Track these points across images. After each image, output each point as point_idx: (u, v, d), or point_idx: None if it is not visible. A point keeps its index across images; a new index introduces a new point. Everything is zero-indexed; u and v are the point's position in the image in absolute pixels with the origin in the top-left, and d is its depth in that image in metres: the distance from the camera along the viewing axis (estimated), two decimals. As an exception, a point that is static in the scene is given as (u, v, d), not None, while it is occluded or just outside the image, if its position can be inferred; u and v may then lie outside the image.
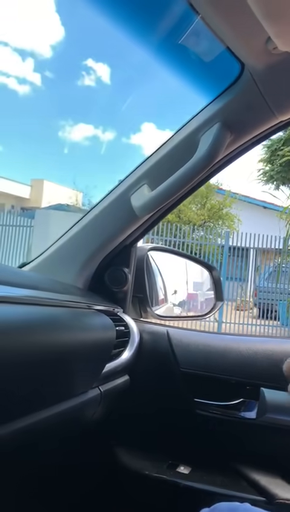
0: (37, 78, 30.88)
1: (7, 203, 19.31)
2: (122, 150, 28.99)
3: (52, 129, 29.34)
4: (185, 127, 0.91)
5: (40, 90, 28.61)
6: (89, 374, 0.83)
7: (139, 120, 29.69)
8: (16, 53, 31.41)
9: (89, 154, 29.89)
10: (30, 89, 28.77)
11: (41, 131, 29.24)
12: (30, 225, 10.01)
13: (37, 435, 0.70)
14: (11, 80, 31.13)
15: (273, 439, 0.99)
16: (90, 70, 37.71)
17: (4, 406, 0.58)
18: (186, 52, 0.92)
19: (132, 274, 1.12)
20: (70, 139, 29.45)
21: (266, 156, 9.68)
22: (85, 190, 19.75)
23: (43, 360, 0.65)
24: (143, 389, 1.08)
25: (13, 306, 0.63)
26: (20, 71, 32.73)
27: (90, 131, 32.30)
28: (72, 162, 31.60)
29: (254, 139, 0.92)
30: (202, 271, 1.49)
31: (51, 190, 20.44)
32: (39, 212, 10.82)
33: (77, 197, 17.20)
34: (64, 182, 22.43)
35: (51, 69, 28.66)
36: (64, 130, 31.94)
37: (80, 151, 29.40)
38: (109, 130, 30.42)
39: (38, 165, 30.19)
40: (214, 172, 0.99)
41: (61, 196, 17.83)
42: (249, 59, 0.77)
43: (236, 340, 1.07)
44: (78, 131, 33.53)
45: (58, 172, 31.33)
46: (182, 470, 1.03)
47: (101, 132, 30.14)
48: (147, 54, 0.93)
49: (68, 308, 0.80)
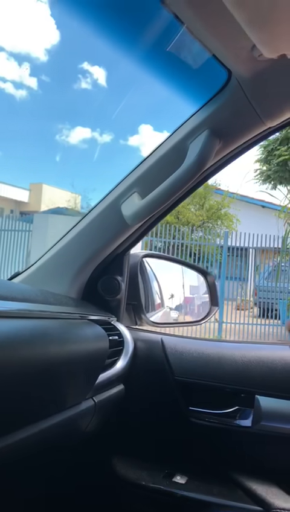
0: (33, 83, 30.91)
1: (6, 208, 19.34)
2: (120, 152, 29.00)
3: (49, 133, 29.36)
4: (174, 134, 0.91)
5: (37, 95, 28.63)
6: (82, 385, 0.83)
7: (136, 122, 29.70)
8: (12, 58, 31.42)
9: (87, 157, 29.90)
10: (27, 93, 28.79)
11: (39, 136, 29.27)
12: (29, 229, 10.00)
13: (31, 448, 0.70)
14: (8, 85, 31.14)
15: (269, 447, 0.99)
16: (87, 73, 37.73)
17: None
18: (173, 59, 0.91)
19: (126, 282, 1.12)
20: (68, 143, 29.45)
21: (262, 156, 9.66)
22: (83, 193, 19.77)
23: (34, 374, 0.65)
24: (138, 398, 1.08)
25: (3, 320, 0.63)
26: (16, 76, 32.77)
27: (87, 134, 32.26)
28: (70, 165, 31.61)
29: (243, 146, 0.92)
30: (198, 274, 1.48)
31: (50, 194, 20.45)
32: (37, 216, 10.82)
33: (75, 200, 17.19)
34: (62, 186, 22.41)
35: (48, 73, 28.68)
36: (62, 134, 31.94)
37: (78, 154, 29.42)
38: (107, 132, 30.43)
39: (36, 169, 30.20)
40: (204, 179, 0.99)
41: (60, 199, 17.83)
42: (235, 66, 0.77)
43: (230, 348, 1.07)
44: (76, 135, 33.51)
45: (56, 175, 31.34)
46: (178, 479, 1.02)
47: (99, 135, 30.15)
48: (135, 61, 0.93)
49: (60, 319, 0.79)
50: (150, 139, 28.54)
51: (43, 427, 0.70)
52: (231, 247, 9.41)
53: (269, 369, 0.99)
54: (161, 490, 0.99)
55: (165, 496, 0.99)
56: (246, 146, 0.92)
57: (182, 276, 1.51)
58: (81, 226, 1.02)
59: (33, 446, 0.70)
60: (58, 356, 0.71)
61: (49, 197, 19.74)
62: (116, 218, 0.98)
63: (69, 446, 0.97)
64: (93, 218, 1.00)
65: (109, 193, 0.99)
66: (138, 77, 0.96)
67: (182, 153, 0.88)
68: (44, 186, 21.27)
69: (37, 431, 0.69)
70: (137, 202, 0.93)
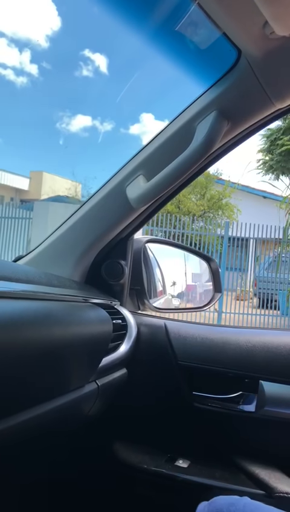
0: (34, 69, 30.62)
1: (6, 195, 19.27)
2: (121, 140, 28.82)
3: (50, 120, 29.16)
4: (181, 115, 0.89)
5: (38, 82, 28.37)
6: (85, 368, 0.82)
7: (138, 111, 29.52)
8: (12, 44, 31.10)
9: (88, 146, 29.73)
10: (28, 80, 28.52)
11: (40, 123, 29.08)
12: (29, 217, 9.98)
13: (33, 431, 0.70)
14: (9, 72, 30.84)
15: (273, 432, 0.99)
16: (88, 60, 37.37)
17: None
18: (182, 39, 0.90)
19: (129, 266, 1.11)
20: (69, 130, 29.26)
21: (265, 146, 9.61)
22: (84, 181, 19.69)
23: (38, 355, 0.64)
24: (141, 383, 1.07)
25: (7, 301, 0.62)
26: (17, 62, 32.42)
27: (88, 122, 32.06)
28: (71, 153, 31.48)
29: (252, 128, 0.90)
30: (201, 262, 1.47)
31: (50, 182, 20.37)
32: (38, 204, 10.77)
33: (76, 189, 17.13)
34: (63, 174, 22.34)
35: (49, 60, 28.40)
36: (63, 121, 31.74)
37: (78, 142, 29.25)
38: (108, 121, 30.22)
39: (37, 156, 30.06)
40: (212, 162, 0.97)
41: (61, 188, 17.77)
42: (246, 45, 0.75)
43: (234, 333, 1.06)
44: (77, 123, 33.31)
45: (57, 164, 31.21)
46: (180, 463, 1.02)
47: (100, 123, 29.94)
48: (143, 42, 0.91)
49: (64, 302, 0.78)
50: (151, 128, 28.38)
51: (46, 409, 0.70)
52: (231, 237, 9.40)
53: (273, 354, 0.99)
54: (163, 474, 0.99)
55: (167, 479, 0.99)
56: (255, 128, 0.90)
57: (185, 264, 1.51)
58: (86, 208, 1.00)
59: (35, 428, 0.69)
60: (62, 338, 0.71)
61: (49, 185, 19.67)
62: (120, 201, 0.96)
63: (72, 429, 0.97)
64: (98, 201, 0.99)
65: (114, 176, 0.98)
66: (141, 63, 0.96)
67: (189, 134, 0.86)
68: (44, 174, 21.18)
69: (40, 413, 0.68)
70: (142, 185, 0.91)
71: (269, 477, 0.94)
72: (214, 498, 0.68)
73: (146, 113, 32.17)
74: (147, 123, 30.41)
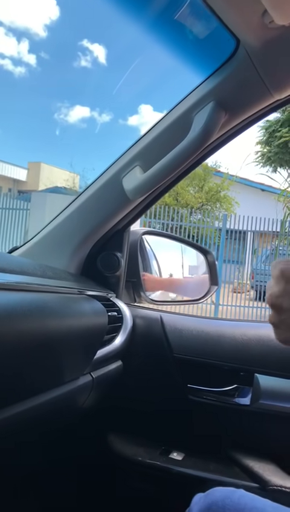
0: (32, 59, 30.34)
1: (4, 186, 19.19)
2: (120, 132, 28.68)
3: (48, 111, 28.98)
4: (178, 106, 0.88)
5: (36, 72, 28.15)
6: (80, 360, 0.82)
7: (136, 102, 29.33)
8: (10, 33, 30.76)
9: (86, 137, 29.59)
10: (26, 70, 28.30)
11: (38, 114, 28.90)
12: (27, 208, 9.95)
13: (28, 422, 0.69)
14: (6, 61, 30.55)
15: (267, 425, 0.99)
16: (86, 51, 37.07)
17: None
18: (181, 28, 0.88)
19: (125, 258, 1.10)
20: (67, 122, 29.11)
21: (263, 138, 9.57)
22: (82, 173, 19.60)
23: (32, 347, 0.64)
24: (136, 375, 1.07)
25: (1, 292, 0.61)
26: (15, 52, 32.12)
27: (86, 113, 31.86)
28: (69, 144, 31.32)
29: (250, 119, 0.89)
30: (198, 255, 1.47)
31: (48, 173, 20.29)
32: (35, 195, 10.74)
33: (74, 180, 17.05)
34: (61, 165, 22.24)
35: (47, 50, 28.17)
36: (61, 112, 31.56)
37: (77, 133, 29.10)
38: (106, 112, 30.05)
39: (35, 147, 29.90)
40: (209, 153, 0.97)
41: (59, 179, 17.70)
42: (244, 34, 0.74)
43: (230, 326, 1.06)
44: (75, 114, 33.13)
45: (55, 154, 31.04)
46: (175, 456, 1.02)
47: (98, 114, 29.78)
48: (142, 31, 0.90)
49: (58, 294, 0.78)
50: (149, 119, 28.23)
51: (40, 401, 0.70)
52: (229, 230, 9.39)
53: (269, 347, 0.99)
54: (157, 466, 1.00)
55: (162, 471, 0.99)
56: (253, 119, 0.89)
57: (181, 256, 1.50)
58: (82, 199, 1.00)
59: (30, 420, 0.69)
60: (56, 330, 0.70)
61: (47, 176, 19.60)
62: (117, 192, 0.95)
63: (66, 421, 0.97)
64: (94, 192, 0.98)
65: (110, 167, 0.97)
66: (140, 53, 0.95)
67: (186, 125, 0.85)
68: (42, 165, 21.09)
69: (35, 405, 0.68)
70: (139, 176, 0.90)
71: (263, 470, 0.94)
72: (210, 490, 0.68)
73: (145, 105, 32.03)
74: (145, 114, 30.28)
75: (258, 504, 0.63)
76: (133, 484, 1.05)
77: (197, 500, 0.67)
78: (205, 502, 0.65)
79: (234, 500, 0.64)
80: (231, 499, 0.64)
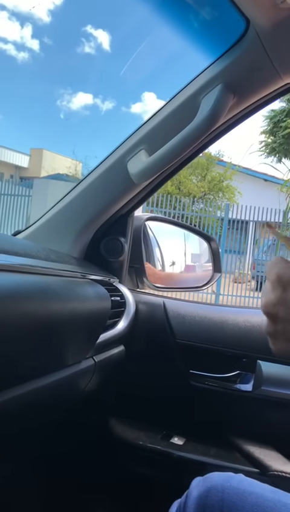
0: (35, 45, 30.03)
1: (6, 172, 19.12)
2: (122, 119, 28.48)
3: (51, 97, 28.77)
4: (186, 89, 0.87)
5: (39, 58, 27.87)
6: (82, 344, 0.82)
7: (140, 89, 29.06)
8: (13, 18, 30.39)
9: (88, 124, 29.40)
10: (29, 55, 28.01)
11: (40, 100, 28.69)
12: (28, 194, 9.93)
13: (29, 406, 0.69)
14: (9, 46, 30.25)
15: (269, 412, 0.99)
16: (90, 37, 36.65)
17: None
18: (190, 8, 0.87)
19: (129, 244, 1.09)
20: (70, 108, 28.89)
21: (268, 128, 9.51)
22: (84, 160, 19.50)
23: (34, 329, 0.63)
24: (138, 360, 1.07)
25: (4, 274, 0.61)
26: (18, 37, 31.77)
27: (89, 100, 31.60)
28: (71, 131, 31.14)
29: (258, 103, 0.88)
30: (201, 243, 1.46)
31: (50, 159, 20.20)
32: (37, 181, 10.71)
33: (76, 167, 16.97)
34: (63, 152, 22.14)
35: (50, 36, 27.83)
36: (63, 99, 31.33)
37: (79, 120, 28.91)
38: (109, 99, 29.80)
39: (37, 134, 29.75)
40: (215, 138, 0.95)
41: (61, 166, 17.62)
42: (255, 15, 0.72)
43: (233, 312, 1.06)
44: (78, 100, 32.86)
45: (57, 141, 30.92)
46: (176, 440, 1.03)
47: (101, 101, 29.53)
48: (149, 11, 0.88)
49: (62, 277, 0.77)
50: (153, 106, 27.98)
51: (42, 384, 0.69)
52: (231, 220, 9.37)
53: None
54: (158, 450, 1.00)
55: (162, 456, 1.00)
56: (262, 103, 0.88)
57: (184, 243, 1.49)
58: (86, 183, 0.98)
59: (31, 404, 0.69)
60: (59, 313, 0.70)
61: (49, 163, 19.52)
62: (122, 176, 0.94)
63: (68, 405, 0.97)
64: (98, 175, 0.97)
65: (115, 150, 0.96)
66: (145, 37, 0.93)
67: (193, 108, 0.84)
68: (44, 152, 20.98)
69: (36, 388, 0.68)
70: (144, 159, 0.89)
71: (264, 456, 0.94)
72: (208, 474, 0.68)
73: (148, 92, 31.72)
74: (148, 102, 30.01)
75: (257, 489, 0.63)
76: (134, 468, 1.06)
77: (196, 483, 0.67)
78: (204, 486, 0.65)
79: (233, 484, 0.64)
80: (230, 483, 0.64)
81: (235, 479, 0.65)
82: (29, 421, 0.78)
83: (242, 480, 0.65)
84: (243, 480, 0.66)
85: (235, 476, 0.67)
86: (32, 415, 0.76)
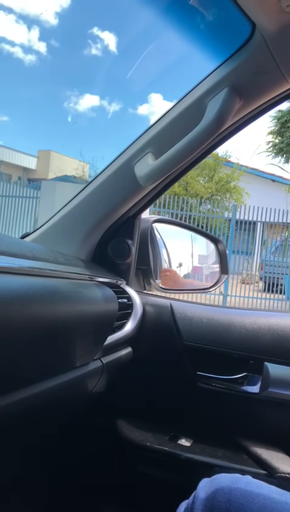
0: (42, 47, 30.18)
1: (14, 174, 19.23)
2: (129, 120, 28.52)
3: (58, 100, 28.87)
4: (192, 92, 0.87)
5: (46, 60, 28.01)
6: (90, 345, 0.82)
7: (146, 91, 29.09)
8: (21, 21, 30.56)
9: (96, 125, 29.48)
10: (36, 58, 28.16)
11: (48, 102, 28.82)
12: (36, 196, 9.98)
13: (37, 407, 0.70)
14: (17, 49, 30.44)
15: (276, 414, 0.99)
16: (97, 39, 36.76)
17: (3, 376, 0.58)
18: (196, 12, 0.87)
19: (136, 246, 1.10)
20: (77, 110, 29.00)
21: (275, 128, 9.48)
22: (92, 161, 19.57)
23: (43, 331, 0.64)
24: (145, 362, 1.08)
25: (13, 277, 0.62)
26: (25, 40, 31.93)
27: (96, 101, 31.70)
28: (79, 133, 31.25)
29: (264, 106, 0.88)
30: (208, 244, 1.46)
31: (58, 161, 20.28)
32: (45, 183, 10.76)
33: (83, 169, 17.04)
34: (71, 153, 22.21)
35: (57, 38, 27.97)
36: (71, 101, 31.42)
37: (86, 122, 29.00)
38: (116, 100, 29.86)
39: (45, 135, 29.88)
40: (222, 140, 0.96)
41: (68, 167, 17.69)
42: (260, 18, 0.73)
43: (240, 314, 1.06)
44: (85, 102, 32.95)
45: (65, 143, 31.01)
46: (183, 442, 1.03)
47: (108, 103, 29.61)
48: (156, 15, 0.89)
49: (70, 279, 0.78)
50: (159, 108, 27.99)
51: (50, 385, 0.70)
52: (238, 220, 9.34)
53: (279, 336, 0.98)
54: (166, 452, 1.00)
55: (170, 457, 1.00)
56: (268, 106, 0.88)
57: (191, 245, 1.50)
58: (93, 186, 0.99)
59: (39, 406, 0.69)
60: (67, 315, 0.70)
61: (57, 164, 19.59)
62: (129, 179, 0.95)
63: (76, 407, 0.98)
64: (106, 178, 0.98)
65: (122, 153, 0.96)
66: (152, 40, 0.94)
67: (200, 111, 0.84)
68: (52, 154, 21.08)
69: (45, 389, 0.68)
70: (151, 163, 0.90)
71: (271, 458, 0.94)
72: (215, 475, 0.68)
73: (155, 93, 31.75)
74: (155, 103, 30.03)
75: (265, 491, 0.63)
76: (141, 469, 1.06)
77: (204, 484, 0.67)
78: (211, 487, 0.65)
79: (241, 486, 0.64)
80: (237, 484, 0.64)
81: (242, 481, 0.65)
82: (37, 422, 0.79)
83: (249, 481, 0.66)
84: (251, 481, 0.66)
85: (243, 477, 0.67)
86: (40, 417, 0.77)
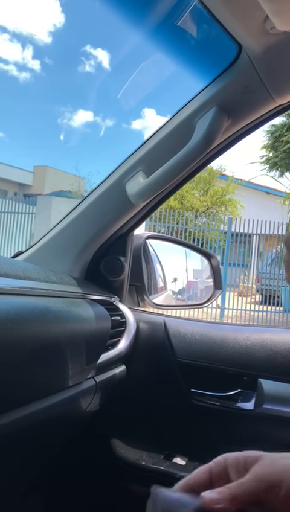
0: (36, 65, 30.56)
1: (10, 190, 19.28)
2: (123, 136, 28.77)
3: (53, 116, 29.16)
4: (181, 111, 0.89)
5: (41, 77, 28.35)
6: (83, 364, 0.82)
7: (140, 106, 29.40)
8: (14, 39, 30.97)
9: (91, 141, 29.71)
10: (31, 75, 28.50)
11: (43, 118, 29.08)
12: (32, 212, 9.99)
13: (30, 428, 0.69)
14: (11, 67, 30.81)
15: (271, 430, 0.98)
16: (90, 56, 37.26)
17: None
18: (183, 34, 0.89)
19: (129, 263, 1.10)
20: (71, 126, 29.25)
21: (269, 142, 9.57)
22: (87, 176, 19.67)
23: (35, 352, 0.64)
24: (139, 379, 1.07)
25: (5, 297, 0.62)
26: (19, 58, 32.33)
27: (90, 117, 31.98)
28: (74, 148, 31.47)
29: (252, 124, 0.90)
30: (202, 258, 1.47)
31: (54, 177, 20.38)
32: (41, 198, 10.79)
33: (79, 184, 17.11)
34: (66, 168, 22.35)
35: (51, 56, 28.37)
36: (64, 117, 31.70)
37: (81, 137, 29.25)
38: (109, 116, 30.16)
39: (40, 151, 30.07)
40: (212, 158, 0.97)
41: (64, 182, 17.76)
42: (246, 40, 0.74)
43: (233, 330, 1.06)
44: (78, 118, 33.22)
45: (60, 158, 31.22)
46: (178, 460, 1.02)
47: (101, 119, 29.88)
48: (144, 37, 0.90)
49: (62, 298, 0.78)
50: (153, 123, 28.27)
51: (43, 406, 0.70)
52: (234, 233, 9.37)
53: (272, 352, 0.98)
54: (161, 471, 0.99)
55: (165, 476, 0.99)
56: (255, 124, 0.90)
57: (186, 260, 1.50)
58: (85, 204, 1.00)
59: (32, 426, 0.69)
60: (59, 335, 0.70)
61: (52, 180, 19.69)
62: (120, 197, 0.96)
63: (69, 426, 0.97)
64: (97, 197, 0.99)
65: (114, 172, 0.97)
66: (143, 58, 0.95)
67: (189, 130, 0.86)
68: (48, 169, 21.19)
69: (38, 410, 0.68)
70: (142, 181, 0.91)
71: None
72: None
73: (148, 108, 32.07)
74: (149, 118, 30.34)
75: None
76: (136, 489, 1.05)
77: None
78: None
79: None
80: None
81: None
82: (30, 443, 0.78)
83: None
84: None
85: None
86: (33, 437, 0.76)
